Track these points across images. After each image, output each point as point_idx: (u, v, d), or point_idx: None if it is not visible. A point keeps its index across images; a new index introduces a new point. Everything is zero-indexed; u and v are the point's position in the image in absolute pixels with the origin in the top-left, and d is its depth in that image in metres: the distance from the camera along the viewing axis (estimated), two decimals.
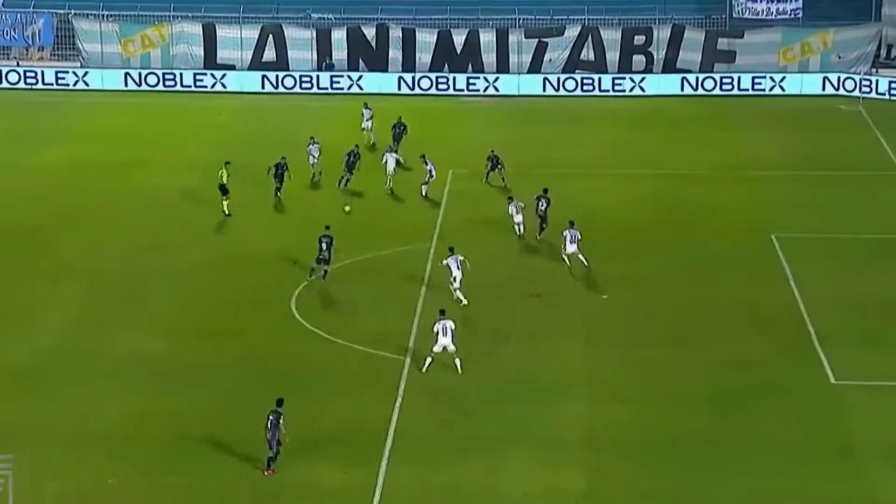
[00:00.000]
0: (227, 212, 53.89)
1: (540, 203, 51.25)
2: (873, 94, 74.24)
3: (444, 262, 44.71)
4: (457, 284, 44.48)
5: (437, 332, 39.59)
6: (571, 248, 47.67)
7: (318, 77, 76.59)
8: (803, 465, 35.12)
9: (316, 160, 58.21)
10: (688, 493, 33.80)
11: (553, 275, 47.79)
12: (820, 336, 42.63)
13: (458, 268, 44.05)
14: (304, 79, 76.55)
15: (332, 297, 46.22)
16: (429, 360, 39.81)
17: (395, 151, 59.42)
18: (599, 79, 76.17)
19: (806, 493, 33.80)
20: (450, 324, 39.66)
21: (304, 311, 44.59)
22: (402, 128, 62.42)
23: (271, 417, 34.07)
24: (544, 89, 76.20)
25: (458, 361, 39.76)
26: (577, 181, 58.06)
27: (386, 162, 57.35)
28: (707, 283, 47.34)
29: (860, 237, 52.10)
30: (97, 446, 35.79)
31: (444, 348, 39.56)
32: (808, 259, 49.40)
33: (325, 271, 46.79)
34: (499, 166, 57.41)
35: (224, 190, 53.91)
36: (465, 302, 44.15)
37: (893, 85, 74.14)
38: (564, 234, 48.00)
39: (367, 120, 64.61)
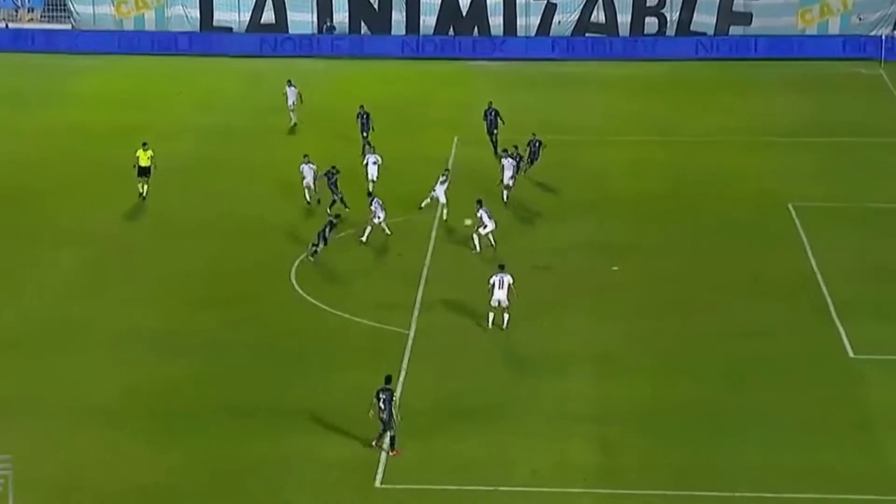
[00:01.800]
0: (143, 194, 51.11)
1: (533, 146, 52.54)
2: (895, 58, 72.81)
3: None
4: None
5: (494, 285, 39.79)
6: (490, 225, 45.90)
7: (318, 40, 75.05)
8: (817, 439, 34.66)
9: (311, 183, 50.54)
10: (699, 466, 33.44)
11: (562, 246, 47.18)
12: (838, 307, 42.19)
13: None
14: (303, 42, 74.98)
15: (333, 268, 45.76)
16: (491, 315, 40.00)
17: (498, 146, 54.48)
18: (610, 42, 75.00)
19: (819, 468, 33.26)
20: (508, 278, 39.80)
21: (305, 283, 44.25)
22: (493, 114, 56.52)
23: (383, 396, 33.61)
24: (553, 52, 74.65)
25: (506, 317, 40.06)
26: (586, 148, 57.42)
27: (367, 164, 51.61)
28: (722, 253, 47.02)
29: (881, 206, 51.46)
30: (95, 418, 35.60)
31: (499, 302, 39.78)
32: (827, 228, 48.97)
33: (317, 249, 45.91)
34: (535, 159, 53.17)
35: (146, 172, 51.10)
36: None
37: None
38: (480, 213, 46.00)
39: (292, 99, 60.41)
